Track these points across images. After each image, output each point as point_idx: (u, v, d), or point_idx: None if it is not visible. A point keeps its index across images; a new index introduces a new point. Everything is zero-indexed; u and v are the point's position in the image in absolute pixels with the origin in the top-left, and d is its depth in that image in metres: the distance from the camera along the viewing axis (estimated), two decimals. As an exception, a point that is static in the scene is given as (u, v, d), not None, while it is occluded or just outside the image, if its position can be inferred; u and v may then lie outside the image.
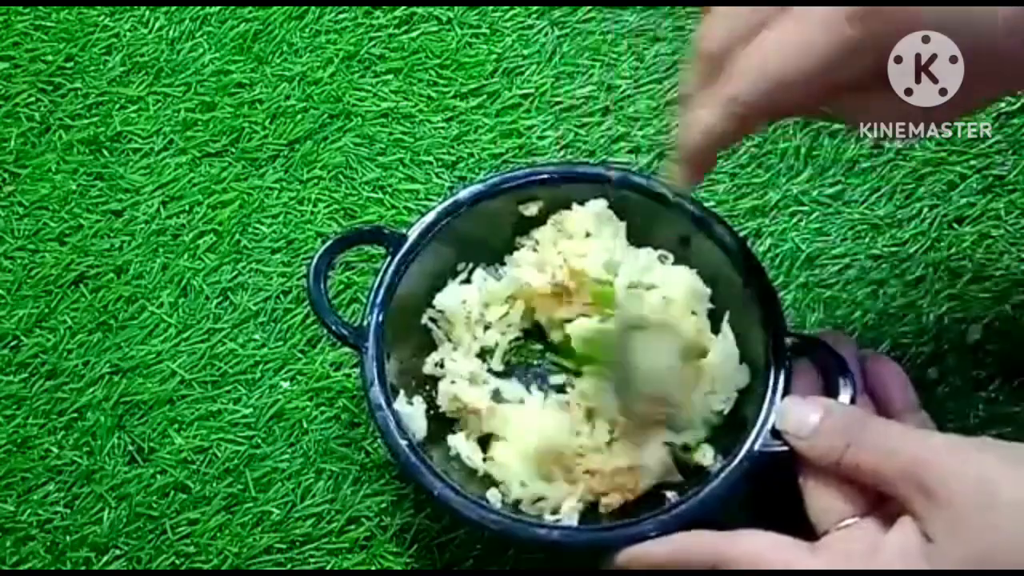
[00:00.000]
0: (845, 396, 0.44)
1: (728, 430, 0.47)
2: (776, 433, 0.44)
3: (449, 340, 0.51)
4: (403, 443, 0.46)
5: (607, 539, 0.44)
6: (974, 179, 0.56)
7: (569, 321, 0.50)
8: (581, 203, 0.51)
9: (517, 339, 0.51)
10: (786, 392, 0.45)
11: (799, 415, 0.43)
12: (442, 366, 0.50)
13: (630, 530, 0.44)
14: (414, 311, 0.51)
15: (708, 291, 0.50)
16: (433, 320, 0.51)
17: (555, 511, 0.46)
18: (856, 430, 0.41)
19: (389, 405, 0.46)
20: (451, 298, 0.51)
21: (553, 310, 0.50)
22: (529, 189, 0.51)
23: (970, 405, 0.52)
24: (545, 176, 0.51)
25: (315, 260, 0.48)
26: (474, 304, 0.51)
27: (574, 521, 0.46)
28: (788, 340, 0.46)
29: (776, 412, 0.44)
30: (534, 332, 0.52)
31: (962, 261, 0.55)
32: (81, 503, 0.53)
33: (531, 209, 0.51)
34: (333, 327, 0.47)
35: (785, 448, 0.43)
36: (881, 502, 0.40)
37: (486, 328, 0.51)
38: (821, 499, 0.41)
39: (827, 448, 0.41)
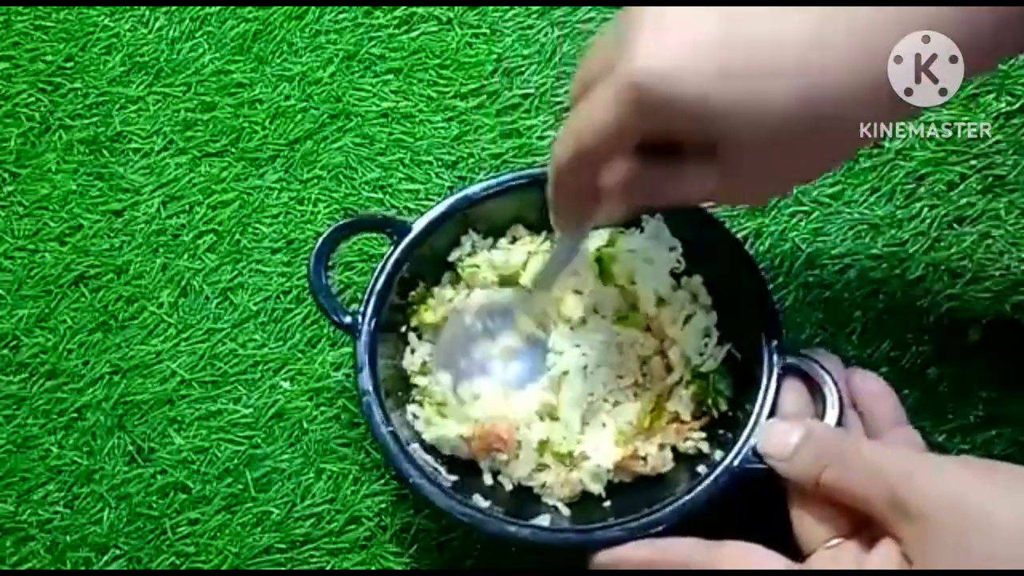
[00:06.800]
0: (831, 416, 0.44)
1: (725, 430, 0.48)
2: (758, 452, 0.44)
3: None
4: (386, 431, 0.46)
5: (574, 541, 0.45)
6: (974, 179, 0.56)
7: None
8: None
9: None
10: (773, 411, 0.45)
11: (780, 436, 0.43)
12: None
13: (598, 534, 0.44)
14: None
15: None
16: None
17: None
18: (834, 452, 0.41)
19: (377, 392, 0.46)
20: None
21: None
22: (542, 188, 0.51)
23: (970, 405, 0.52)
24: None
25: (319, 243, 0.48)
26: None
27: (546, 521, 0.46)
28: (781, 359, 0.46)
29: (759, 431, 0.44)
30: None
31: (962, 261, 0.55)
32: (81, 503, 0.53)
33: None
34: (330, 312, 0.47)
35: (763, 466, 0.43)
36: (866, 524, 0.40)
37: None
38: (805, 520, 0.42)
39: (804, 469, 0.41)
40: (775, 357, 0.46)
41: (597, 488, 0.48)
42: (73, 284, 0.57)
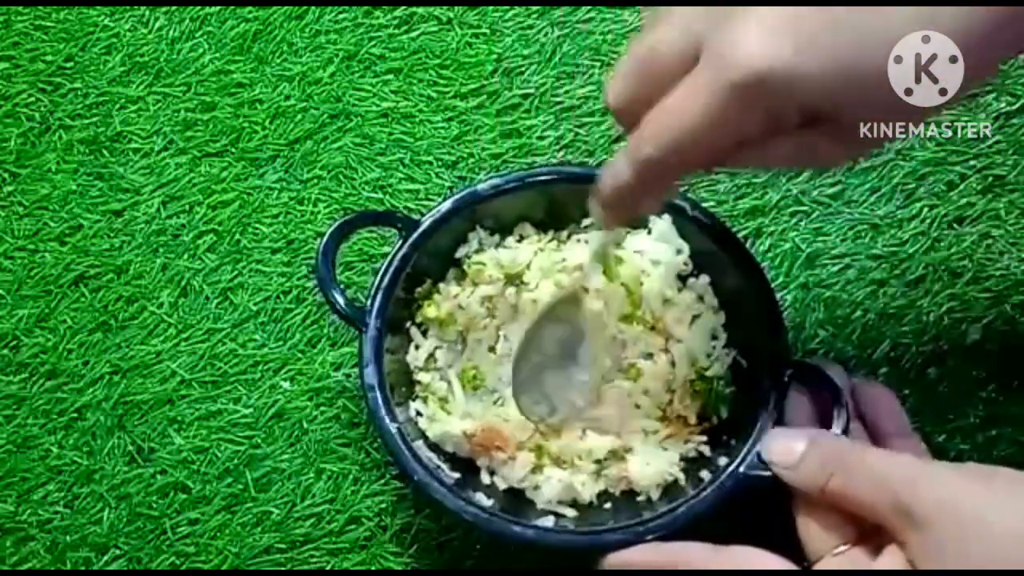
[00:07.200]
0: (838, 426, 0.44)
1: (728, 435, 0.48)
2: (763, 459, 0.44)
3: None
4: (392, 427, 0.46)
5: (578, 543, 0.45)
6: (974, 179, 0.56)
7: None
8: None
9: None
10: (779, 418, 0.45)
11: (785, 444, 0.43)
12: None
13: (603, 537, 0.44)
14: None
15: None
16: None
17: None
18: (839, 460, 0.41)
19: (382, 388, 0.46)
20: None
21: None
22: (550, 187, 0.51)
23: (970, 405, 0.52)
24: (563, 175, 0.51)
25: (327, 235, 0.48)
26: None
27: (549, 522, 0.46)
28: (787, 368, 0.46)
29: (764, 440, 0.44)
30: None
31: (962, 261, 0.55)
32: (81, 503, 0.53)
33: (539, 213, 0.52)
34: (336, 304, 0.47)
35: (768, 474, 0.43)
36: (873, 531, 0.40)
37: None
38: (811, 527, 0.42)
39: (810, 477, 0.41)
40: (782, 366, 0.46)
41: (598, 489, 0.48)
42: (73, 284, 0.57)
